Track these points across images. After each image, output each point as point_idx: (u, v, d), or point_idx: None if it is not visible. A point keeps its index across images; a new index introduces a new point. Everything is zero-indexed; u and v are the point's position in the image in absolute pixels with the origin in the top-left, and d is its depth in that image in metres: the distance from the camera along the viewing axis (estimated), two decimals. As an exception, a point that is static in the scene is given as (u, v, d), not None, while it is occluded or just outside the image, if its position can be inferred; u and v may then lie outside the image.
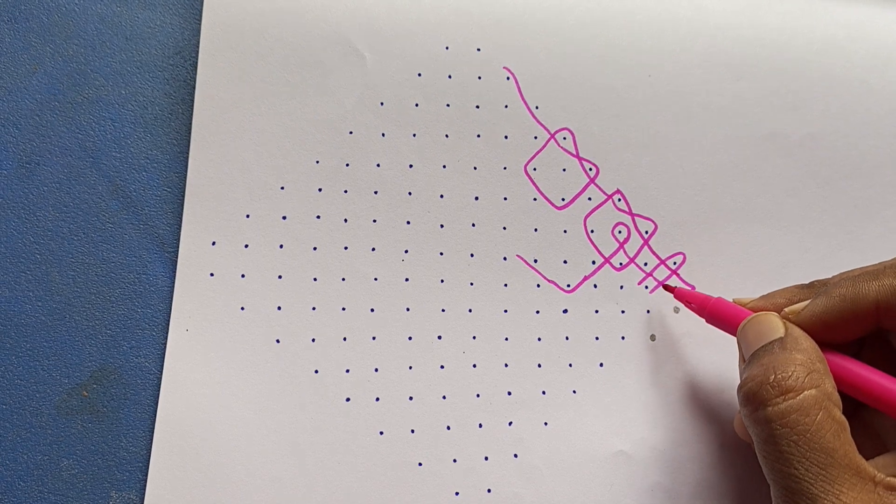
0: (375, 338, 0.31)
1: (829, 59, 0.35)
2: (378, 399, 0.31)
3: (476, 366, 0.32)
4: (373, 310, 0.32)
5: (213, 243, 0.31)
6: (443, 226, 0.33)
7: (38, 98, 0.32)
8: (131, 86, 0.32)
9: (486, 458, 0.31)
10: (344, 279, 0.32)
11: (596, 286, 0.33)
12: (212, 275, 0.31)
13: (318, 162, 0.32)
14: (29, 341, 0.30)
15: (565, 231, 0.33)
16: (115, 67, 0.33)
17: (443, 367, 0.32)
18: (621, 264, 0.33)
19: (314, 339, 0.31)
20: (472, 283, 0.32)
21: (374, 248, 0.32)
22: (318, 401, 0.31)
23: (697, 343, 0.33)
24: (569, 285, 0.33)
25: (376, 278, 0.32)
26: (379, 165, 0.32)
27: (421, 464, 0.31)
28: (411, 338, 0.32)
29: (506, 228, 0.33)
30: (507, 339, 0.32)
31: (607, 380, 0.32)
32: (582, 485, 0.31)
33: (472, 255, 0.32)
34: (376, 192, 0.32)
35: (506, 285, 0.33)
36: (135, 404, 0.30)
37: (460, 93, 0.33)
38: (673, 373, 0.32)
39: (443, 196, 0.33)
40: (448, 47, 0.33)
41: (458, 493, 0.31)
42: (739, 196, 0.34)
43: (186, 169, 0.31)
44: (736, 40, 0.35)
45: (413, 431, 0.31)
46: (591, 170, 0.33)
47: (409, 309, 0.32)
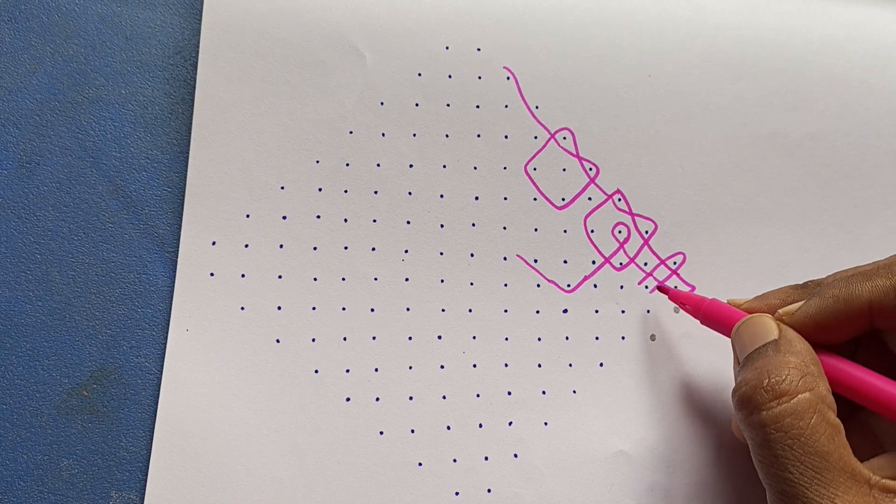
0: (375, 338, 0.31)
1: (828, 59, 0.35)
2: (378, 399, 0.31)
3: (476, 366, 0.32)
4: (373, 310, 0.32)
5: (214, 243, 0.31)
6: (443, 226, 0.33)
7: (38, 98, 0.32)
8: (131, 86, 0.32)
9: (486, 458, 0.31)
10: (344, 279, 0.32)
11: (596, 286, 0.33)
12: (212, 275, 0.31)
13: (318, 162, 0.32)
14: (29, 341, 0.30)
15: (565, 231, 0.33)
16: (116, 67, 0.32)
17: (443, 366, 0.32)
18: (621, 264, 0.33)
19: (314, 339, 0.31)
20: (473, 283, 0.32)
21: (374, 248, 0.32)
22: (318, 401, 0.31)
23: (697, 343, 0.33)
24: (569, 285, 0.33)
25: (376, 278, 0.32)
26: (379, 165, 0.32)
27: (421, 464, 0.31)
28: (411, 338, 0.32)
29: (506, 228, 0.33)
30: (507, 339, 0.32)
31: (607, 380, 0.32)
32: (582, 485, 0.31)
33: (473, 254, 0.32)
34: (376, 192, 0.32)
35: (506, 285, 0.32)
36: (135, 404, 0.30)
37: (460, 93, 0.33)
38: (673, 373, 0.32)
39: (443, 196, 0.33)
40: (448, 47, 0.33)
41: (458, 493, 0.31)
42: (739, 196, 0.34)
43: (186, 169, 0.31)
44: (736, 40, 0.35)
45: (413, 431, 0.31)
46: (591, 170, 0.33)
47: (409, 309, 0.32)
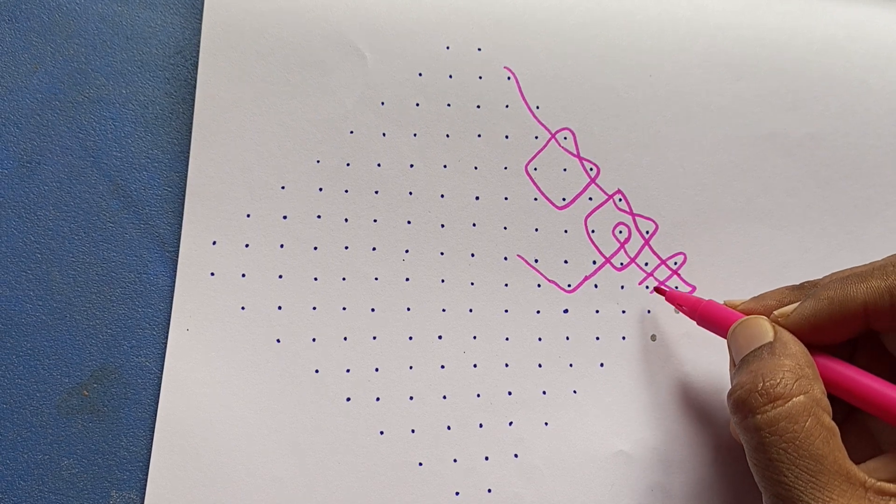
0: (376, 337, 0.31)
1: (829, 59, 0.35)
2: (378, 399, 0.31)
3: (476, 366, 0.32)
4: (373, 309, 0.32)
5: (214, 243, 0.31)
6: (443, 225, 0.33)
7: (38, 97, 0.32)
8: (132, 85, 0.32)
9: (487, 458, 0.31)
10: (344, 279, 0.32)
11: (596, 286, 0.33)
12: (212, 274, 0.31)
13: (318, 161, 0.32)
14: (29, 341, 0.30)
15: (566, 231, 0.33)
16: (116, 67, 0.32)
17: (443, 366, 0.32)
18: (622, 264, 0.33)
19: (315, 339, 0.31)
20: (473, 283, 0.32)
21: (375, 248, 0.32)
22: (319, 400, 0.31)
23: (698, 343, 0.33)
24: (569, 285, 0.33)
25: (377, 278, 0.32)
26: (380, 165, 0.32)
27: (421, 464, 0.31)
28: (412, 337, 0.32)
29: (506, 228, 0.33)
30: (508, 338, 0.32)
31: (608, 380, 0.32)
32: (582, 485, 0.31)
33: (473, 254, 0.32)
34: (377, 192, 0.32)
35: (506, 285, 0.33)
36: (135, 404, 0.30)
37: (461, 92, 0.33)
38: (673, 373, 0.32)
39: (443, 196, 0.33)
40: (449, 47, 0.33)
41: (458, 493, 0.31)
42: (739, 196, 0.34)
43: (187, 168, 0.31)
44: (736, 40, 0.35)
45: (413, 431, 0.31)
46: (591, 170, 0.34)
47: (409, 309, 0.32)
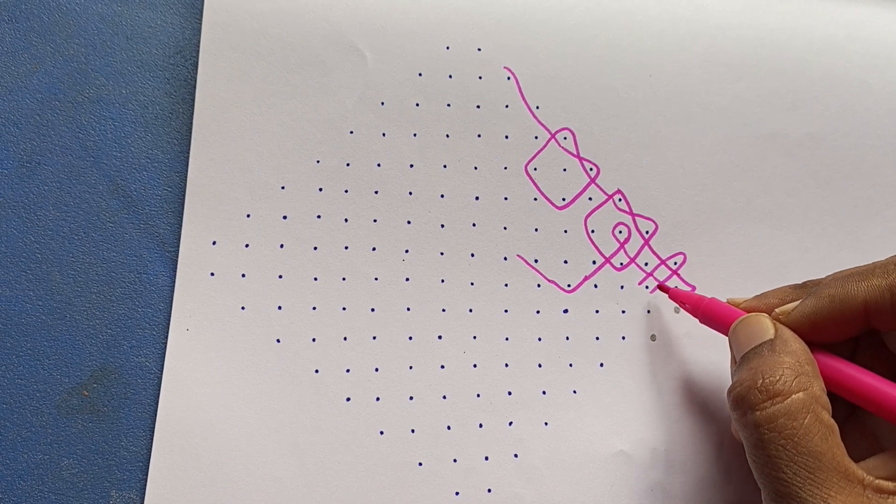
0: (376, 337, 0.31)
1: (829, 59, 0.35)
2: (378, 399, 0.31)
3: (476, 366, 0.32)
4: (373, 309, 0.32)
5: (214, 243, 0.31)
6: (443, 225, 0.33)
7: (38, 97, 0.32)
8: (132, 85, 0.32)
9: (487, 458, 0.31)
10: (344, 279, 0.32)
11: (596, 286, 0.33)
12: (212, 274, 0.31)
13: (318, 162, 0.32)
14: (29, 341, 0.30)
15: (566, 231, 0.33)
16: (116, 67, 0.32)
17: (443, 366, 0.32)
18: (622, 264, 0.33)
19: (314, 339, 0.31)
20: (473, 283, 0.32)
21: (375, 248, 0.32)
22: (319, 400, 0.31)
23: (698, 343, 0.33)
24: (569, 285, 0.33)
25: (377, 278, 0.32)
26: (380, 165, 0.32)
27: (421, 464, 0.31)
28: (412, 337, 0.32)
29: (506, 228, 0.33)
30: (508, 339, 0.32)
31: (608, 380, 0.32)
32: (582, 485, 0.31)
33: (473, 254, 0.32)
34: (377, 192, 0.32)
35: (506, 285, 0.32)
36: (135, 404, 0.30)
37: (461, 93, 0.33)
38: (673, 373, 0.32)
39: (443, 196, 0.33)
40: (449, 47, 0.33)
41: (458, 493, 0.31)
42: (739, 196, 0.34)
43: (187, 168, 0.31)
44: (736, 40, 0.35)
45: (413, 431, 0.31)
46: (591, 170, 0.33)
47: (409, 309, 0.32)
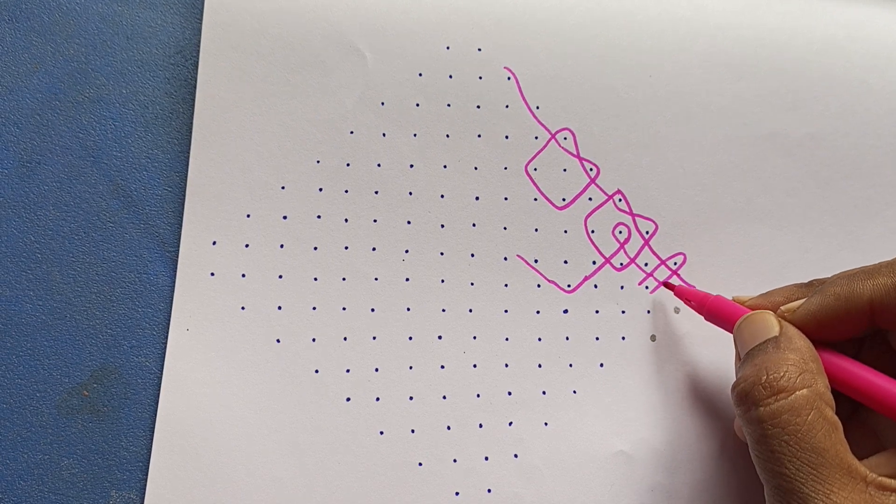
0: (376, 338, 0.31)
1: (829, 59, 0.35)
2: (378, 399, 0.31)
3: (476, 366, 0.32)
4: (373, 309, 0.32)
5: (214, 243, 0.31)
6: (443, 226, 0.33)
7: (38, 97, 0.32)
8: (132, 85, 0.32)
9: (487, 458, 0.31)
10: (344, 279, 0.32)
11: (596, 286, 0.33)
12: (212, 274, 0.31)
13: (318, 162, 0.32)
14: (29, 341, 0.30)
15: (566, 231, 0.33)
16: (116, 67, 0.32)
17: (443, 367, 0.32)
18: (622, 264, 0.33)
19: (314, 339, 0.31)
20: (473, 283, 0.32)
21: (375, 248, 0.32)
22: (319, 400, 0.31)
23: (698, 343, 0.33)
24: (569, 285, 0.33)
25: (377, 278, 0.32)
26: (380, 165, 0.32)
27: (421, 464, 0.31)
28: (412, 338, 0.32)
29: (506, 228, 0.33)
30: (508, 339, 0.32)
31: (607, 380, 0.32)
32: (582, 485, 0.31)
33: (473, 255, 0.32)
34: (377, 192, 0.32)
35: (506, 285, 0.32)
36: (135, 404, 0.30)
37: (461, 93, 0.33)
38: (673, 373, 0.32)
39: (443, 196, 0.33)
40: (449, 47, 0.33)
41: (458, 494, 0.31)
42: (739, 196, 0.34)
43: (187, 168, 0.31)
44: (736, 40, 0.35)
45: (413, 431, 0.31)
46: (591, 170, 0.34)
47: (409, 309, 0.32)
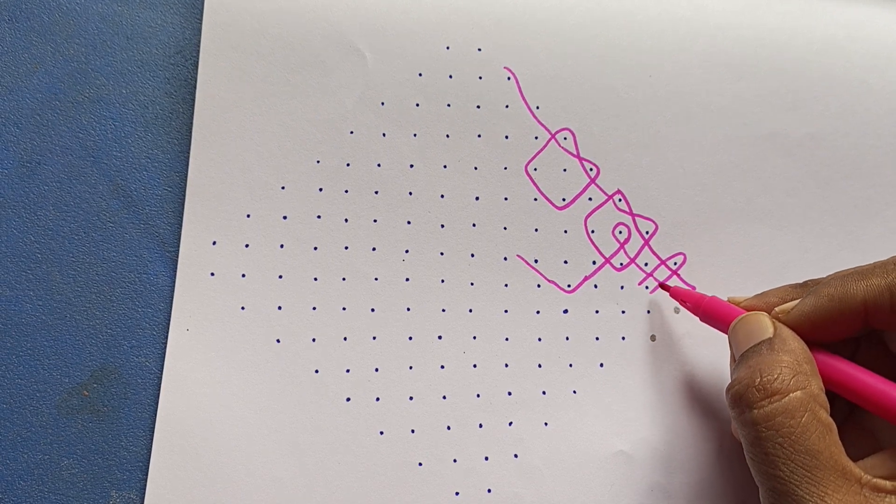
0: (376, 338, 0.31)
1: (829, 59, 0.35)
2: (378, 399, 0.31)
3: (476, 366, 0.32)
4: (373, 310, 0.32)
5: (214, 243, 0.31)
6: (443, 226, 0.33)
7: (38, 97, 0.32)
8: (132, 85, 0.32)
9: (487, 459, 0.31)
10: (344, 279, 0.32)
11: (596, 286, 0.33)
12: (212, 274, 0.31)
13: (318, 162, 0.32)
14: (29, 341, 0.30)
15: (566, 231, 0.33)
16: (116, 67, 0.32)
17: (443, 367, 0.32)
18: (622, 264, 0.33)
19: (314, 339, 0.31)
20: (473, 283, 0.32)
21: (375, 248, 0.32)
22: (319, 401, 0.31)
23: (698, 343, 0.33)
24: (569, 285, 0.33)
25: (377, 278, 0.32)
26: (380, 165, 0.32)
27: (421, 464, 0.31)
28: (412, 338, 0.32)
29: (506, 228, 0.33)
30: (508, 339, 0.32)
31: (607, 380, 0.32)
32: (582, 485, 0.31)
33: (473, 255, 0.32)
34: (377, 192, 0.32)
35: (506, 285, 0.33)
36: (135, 404, 0.30)
37: (461, 93, 0.33)
38: (673, 373, 0.32)
39: (443, 196, 0.33)
40: (449, 47, 0.33)
41: (458, 493, 0.31)
42: (739, 196, 0.34)
43: (187, 168, 0.31)
44: (736, 40, 0.35)
45: (413, 431, 0.31)
46: (591, 170, 0.34)
47: (409, 309, 0.32)
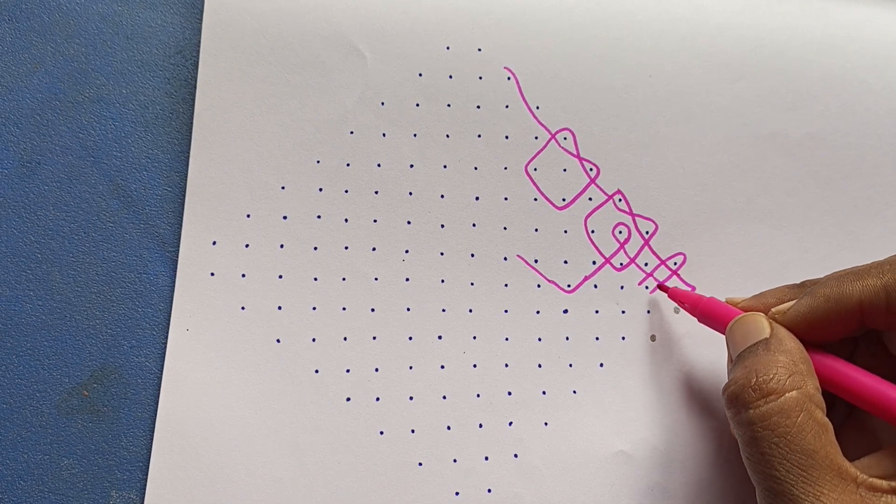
0: (376, 338, 0.31)
1: (828, 59, 0.35)
2: (378, 399, 0.31)
3: (476, 366, 0.32)
4: (373, 310, 0.32)
5: (214, 243, 0.31)
6: (443, 226, 0.33)
7: (38, 97, 0.32)
8: (132, 85, 0.32)
9: (487, 458, 0.31)
10: (344, 279, 0.32)
11: (596, 286, 0.33)
12: (212, 274, 0.31)
13: (318, 162, 0.32)
14: (29, 341, 0.30)
15: (566, 231, 0.33)
16: (116, 67, 0.33)
17: (443, 367, 0.32)
18: (622, 264, 0.33)
19: (314, 339, 0.31)
20: (473, 283, 0.32)
21: (375, 248, 0.32)
22: (319, 400, 0.31)
23: (697, 343, 0.33)
24: (569, 285, 0.33)
25: (377, 278, 0.32)
26: (380, 165, 0.32)
27: (421, 464, 0.31)
28: (412, 338, 0.32)
29: (506, 228, 0.33)
30: (508, 339, 0.32)
31: (607, 380, 0.32)
32: (582, 485, 0.31)
33: (473, 255, 0.32)
34: (377, 192, 0.32)
35: (506, 285, 0.33)
36: (135, 404, 0.30)
37: (461, 93, 0.33)
38: (673, 373, 0.32)
39: (443, 196, 0.33)
40: (449, 47, 0.33)
41: (458, 493, 0.31)
42: (739, 196, 0.34)
43: (187, 168, 0.31)
44: (736, 40, 0.35)
45: (413, 431, 0.31)
46: (591, 170, 0.34)
47: (409, 309, 0.32)
